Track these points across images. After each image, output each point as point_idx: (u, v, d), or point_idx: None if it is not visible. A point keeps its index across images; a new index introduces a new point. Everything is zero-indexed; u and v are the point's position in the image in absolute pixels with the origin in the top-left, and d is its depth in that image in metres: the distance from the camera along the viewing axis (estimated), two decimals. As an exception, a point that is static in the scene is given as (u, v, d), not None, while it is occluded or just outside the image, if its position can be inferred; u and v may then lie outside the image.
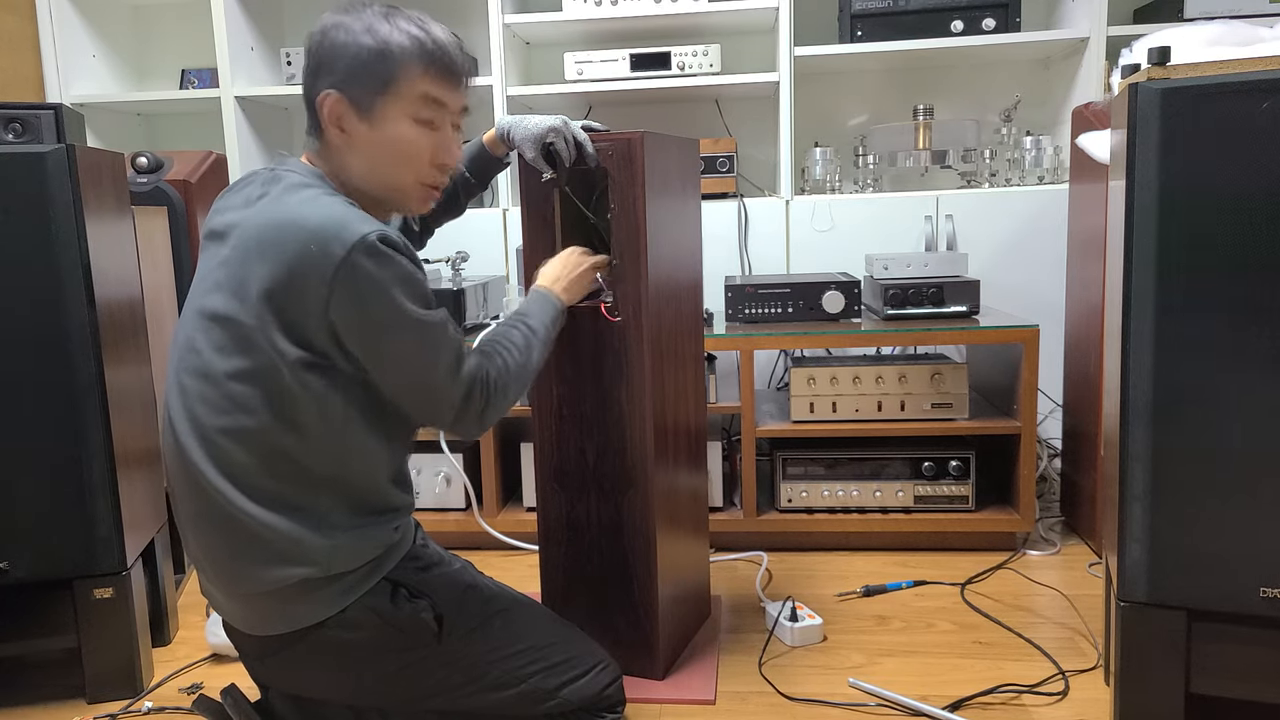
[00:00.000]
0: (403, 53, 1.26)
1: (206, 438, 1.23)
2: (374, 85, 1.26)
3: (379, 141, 1.28)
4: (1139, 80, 1.32)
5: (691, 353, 1.77)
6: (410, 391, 1.27)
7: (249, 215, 1.24)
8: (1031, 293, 2.62)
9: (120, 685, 1.68)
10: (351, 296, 1.18)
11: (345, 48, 1.26)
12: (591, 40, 2.90)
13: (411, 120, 1.29)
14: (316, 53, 1.28)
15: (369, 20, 1.26)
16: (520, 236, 1.65)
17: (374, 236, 1.18)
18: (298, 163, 1.31)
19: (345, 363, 1.23)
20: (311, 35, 1.29)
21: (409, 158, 1.30)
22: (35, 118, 1.58)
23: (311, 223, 1.18)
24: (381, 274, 1.19)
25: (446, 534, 2.28)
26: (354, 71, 1.26)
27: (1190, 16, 2.46)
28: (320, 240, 1.17)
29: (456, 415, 1.30)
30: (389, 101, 1.27)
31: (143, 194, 2.24)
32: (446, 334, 1.27)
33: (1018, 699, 1.58)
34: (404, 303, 1.21)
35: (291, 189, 1.25)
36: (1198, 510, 1.33)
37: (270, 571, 1.23)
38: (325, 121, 1.27)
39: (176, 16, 3.16)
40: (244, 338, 1.20)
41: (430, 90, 1.28)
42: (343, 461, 1.26)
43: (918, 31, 2.62)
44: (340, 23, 1.27)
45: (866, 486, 2.21)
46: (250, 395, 1.21)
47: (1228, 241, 1.27)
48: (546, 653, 1.42)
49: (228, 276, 1.22)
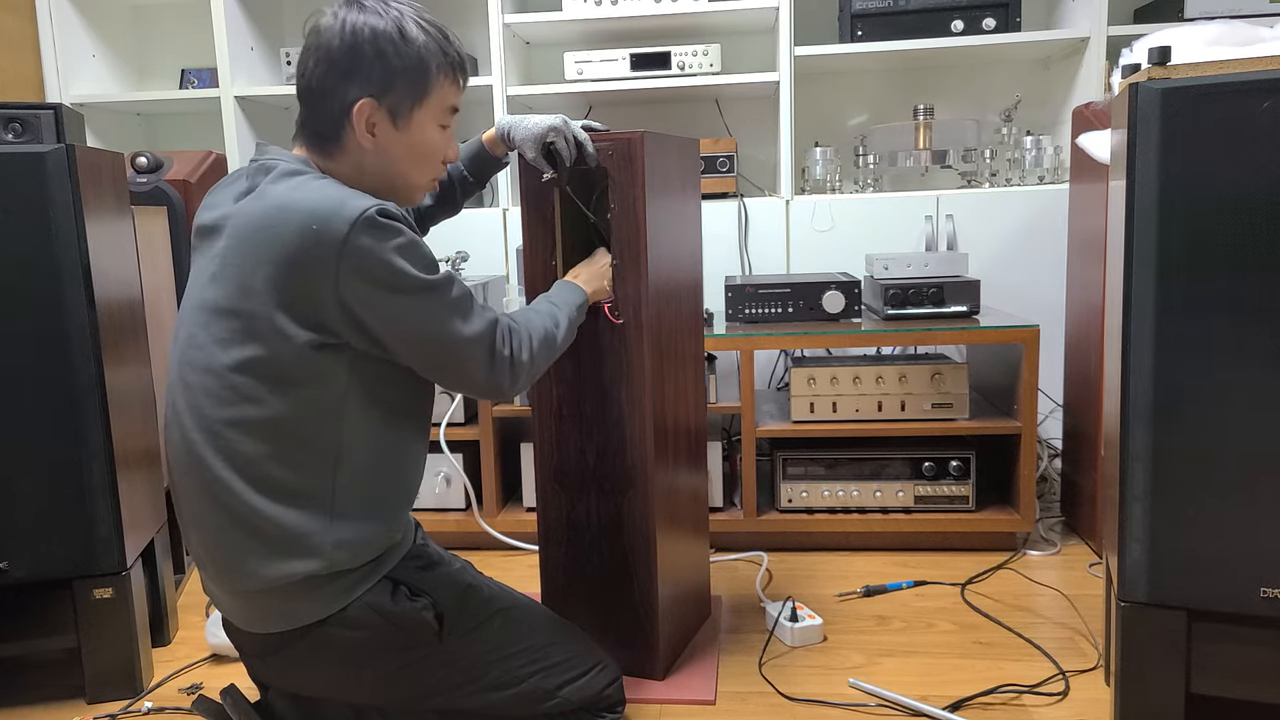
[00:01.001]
0: (438, 65, 1.30)
1: (213, 431, 1.23)
2: (413, 96, 1.29)
3: (406, 145, 1.31)
4: (1139, 80, 1.32)
5: (691, 353, 1.77)
6: (435, 355, 1.28)
7: (239, 208, 1.24)
8: (1032, 293, 2.62)
9: (120, 685, 1.68)
10: (359, 272, 1.19)
11: (383, 55, 1.25)
12: (591, 40, 2.90)
13: (437, 126, 1.33)
14: (347, 55, 1.25)
15: (399, 23, 1.26)
16: (520, 236, 1.65)
17: (373, 210, 1.19)
18: (282, 151, 1.31)
19: (359, 340, 1.24)
20: (331, 32, 1.26)
21: (428, 158, 1.35)
22: (35, 118, 1.58)
23: (307, 205, 1.19)
24: (386, 245, 1.20)
25: (447, 534, 2.28)
26: (394, 81, 1.27)
27: (1190, 16, 2.46)
28: (320, 219, 1.17)
29: (488, 368, 1.30)
30: (423, 110, 1.31)
31: (142, 194, 2.24)
32: (454, 290, 1.28)
33: (1018, 699, 1.58)
34: (410, 269, 1.22)
35: (281, 176, 1.25)
36: (1198, 510, 1.33)
37: (273, 568, 1.23)
38: (358, 127, 1.27)
39: (176, 16, 3.16)
40: (248, 328, 1.21)
41: (453, 99, 1.35)
42: (353, 440, 1.26)
43: (918, 31, 2.62)
44: (369, 24, 1.25)
45: (867, 486, 2.21)
46: (256, 384, 1.21)
47: (1228, 241, 1.27)
48: (546, 652, 1.42)
49: (226, 269, 1.22)
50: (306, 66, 1.28)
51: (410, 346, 1.26)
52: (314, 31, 1.28)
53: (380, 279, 1.20)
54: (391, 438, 1.31)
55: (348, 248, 1.18)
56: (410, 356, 1.27)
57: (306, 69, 1.28)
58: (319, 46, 1.27)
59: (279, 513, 1.23)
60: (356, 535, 1.27)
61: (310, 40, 1.28)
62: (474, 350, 1.29)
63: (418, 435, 1.37)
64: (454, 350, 1.28)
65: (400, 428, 1.32)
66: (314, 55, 1.27)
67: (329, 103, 1.27)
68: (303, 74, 1.29)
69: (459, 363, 1.29)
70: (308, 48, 1.28)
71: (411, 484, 1.37)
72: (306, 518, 1.23)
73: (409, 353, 1.27)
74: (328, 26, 1.26)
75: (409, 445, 1.35)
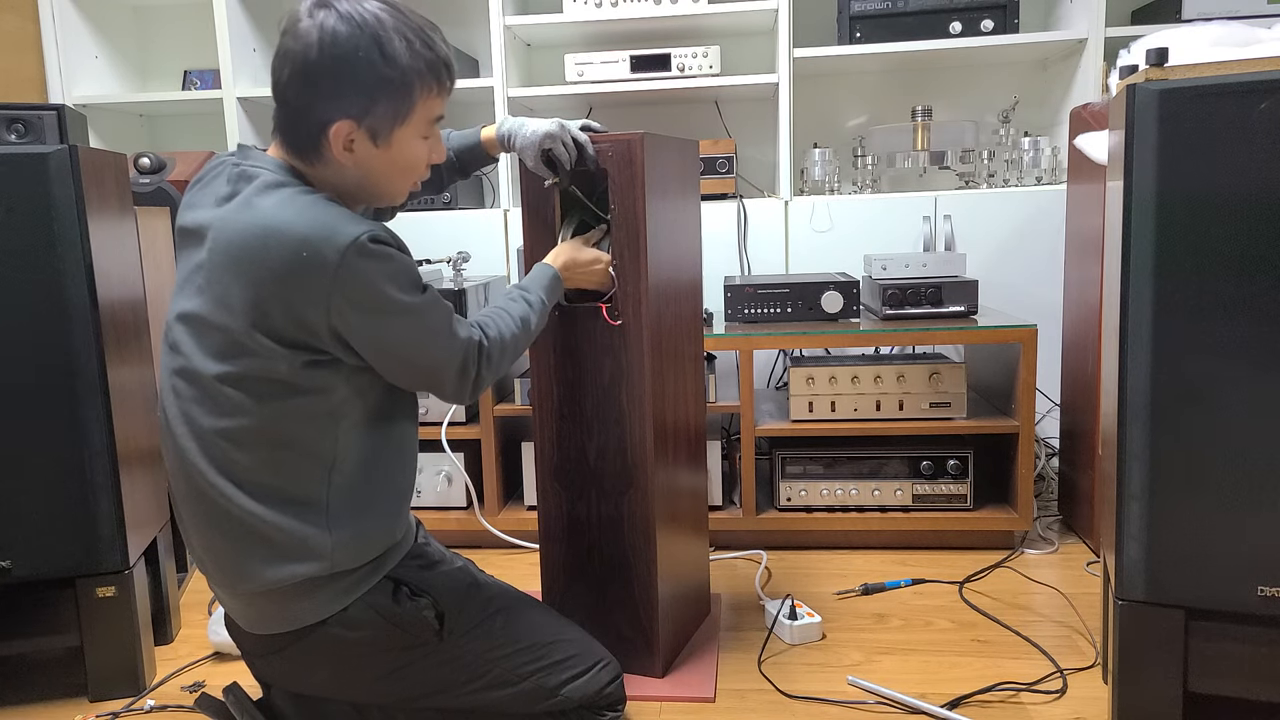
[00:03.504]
0: (420, 81, 1.23)
1: (204, 439, 1.23)
2: (395, 116, 1.23)
3: (387, 161, 1.27)
4: (1137, 81, 1.32)
5: (691, 353, 1.78)
6: (408, 371, 1.29)
7: (222, 216, 1.21)
8: (1029, 293, 2.63)
9: (122, 684, 1.69)
10: (351, 299, 1.18)
11: (361, 77, 1.18)
12: (592, 42, 2.90)
13: (420, 138, 1.29)
14: (323, 73, 1.18)
15: (379, 37, 1.18)
16: (520, 236, 1.66)
17: (365, 237, 1.17)
18: (265, 157, 1.26)
19: (350, 357, 1.24)
20: (307, 40, 1.18)
21: (413, 169, 1.31)
22: (38, 118, 1.59)
23: (298, 229, 1.16)
24: (378, 273, 1.19)
25: (448, 533, 2.29)
26: (375, 103, 1.21)
27: (1188, 18, 2.47)
28: (311, 246, 1.15)
29: (455, 384, 1.32)
30: (405, 128, 1.25)
31: (145, 194, 2.25)
32: (437, 311, 1.28)
33: (1016, 697, 1.59)
34: (400, 296, 1.22)
35: (265, 189, 1.20)
36: (1195, 509, 1.34)
37: (274, 570, 1.24)
38: (334, 146, 1.22)
39: (178, 18, 3.17)
40: (233, 343, 1.20)
41: (438, 109, 1.29)
42: (348, 445, 1.26)
43: (916, 33, 2.62)
44: (349, 38, 1.17)
45: (865, 485, 2.22)
46: (245, 398, 1.21)
47: (1225, 242, 1.28)
48: (547, 651, 1.42)
49: (209, 283, 1.21)
50: (282, 74, 1.21)
51: (386, 362, 1.26)
52: (289, 34, 1.20)
53: (370, 305, 1.20)
54: (384, 438, 1.32)
55: (340, 275, 1.16)
56: (384, 369, 1.27)
57: (282, 77, 1.21)
58: (293, 55, 1.19)
59: (276, 518, 1.23)
60: (355, 536, 1.28)
61: (285, 43, 1.20)
62: (447, 371, 1.31)
63: (408, 431, 1.38)
64: (427, 369, 1.29)
65: (392, 427, 1.33)
66: (289, 65, 1.19)
67: (305, 118, 1.21)
68: (278, 80, 1.21)
69: (430, 377, 1.31)
70: (282, 51, 1.20)
71: (407, 480, 1.38)
72: (304, 522, 1.24)
73: (383, 366, 1.27)
74: (304, 32, 1.18)
75: (402, 443, 1.36)
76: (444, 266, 2.37)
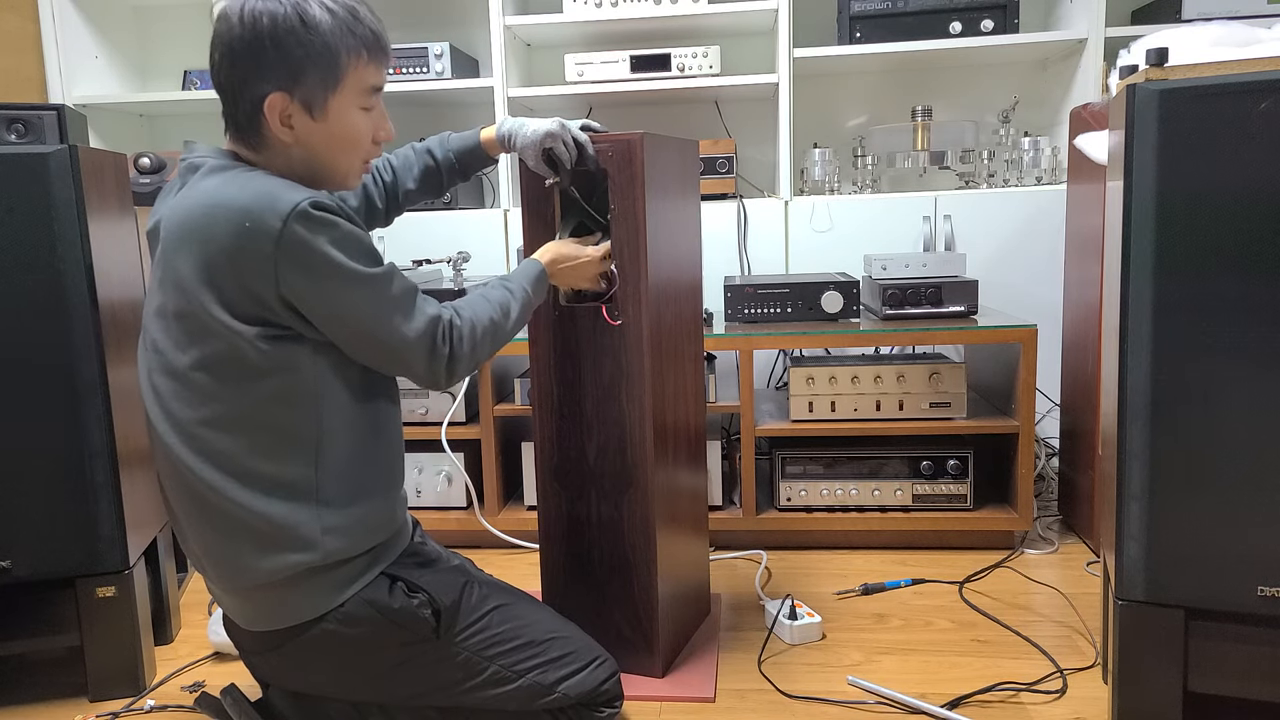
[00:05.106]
0: (348, 48, 1.24)
1: (188, 433, 1.23)
2: (325, 85, 1.24)
3: (327, 134, 1.27)
4: (1137, 81, 1.32)
5: (691, 352, 1.78)
6: (370, 346, 1.27)
7: (172, 206, 1.24)
8: (1029, 293, 2.63)
9: (122, 683, 1.69)
10: (297, 266, 1.18)
11: (284, 46, 1.20)
12: (592, 42, 2.91)
13: (358, 109, 1.29)
14: (248, 49, 1.21)
15: (300, 8, 1.20)
16: (520, 236, 1.66)
17: (306, 204, 1.17)
18: (209, 148, 1.29)
19: (309, 330, 1.24)
20: (230, 21, 1.21)
21: (355, 143, 1.31)
22: (38, 118, 1.59)
23: (240, 200, 1.17)
24: (321, 238, 1.19)
25: (448, 533, 2.29)
26: (302, 72, 1.22)
27: (1188, 17, 2.47)
28: (254, 216, 1.16)
29: (426, 364, 1.30)
30: (339, 97, 1.26)
31: (145, 194, 2.25)
32: (395, 284, 1.26)
33: (1016, 697, 1.59)
34: (349, 263, 1.21)
35: (209, 172, 1.24)
36: (1195, 509, 1.34)
37: (268, 561, 1.24)
38: (271, 122, 1.24)
39: (178, 17, 3.17)
40: (197, 327, 1.20)
41: (373, 79, 1.29)
42: (331, 425, 1.26)
43: (916, 33, 2.62)
44: (267, 11, 1.20)
45: (865, 485, 2.22)
46: (218, 382, 1.21)
47: (1224, 241, 1.28)
48: (544, 648, 1.42)
49: (167, 272, 1.22)
50: (214, 59, 1.24)
51: (349, 338, 1.25)
52: (218, 19, 1.23)
53: (318, 271, 1.19)
54: (368, 417, 1.31)
55: (283, 242, 1.16)
56: (350, 348, 1.27)
57: (214, 62, 1.24)
58: (220, 36, 1.22)
59: (266, 506, 1.23)
60: (347, 520, 1.28)
61: (215, 29, 1.23)
62: (414, 347, 1.29)
63: (391, 413, 1.37)
64: (393, 345, 1.27)
65: (374, 405, 1.33)
66: (218, 48, 1.23)
67: (239, 98, 1.24)
68: (212, 66, 1.25)
69: (398, 356, 1.29)
70: (213, 38, 1.24)
71: (394, 459, 1.37)
72: (294, 508, 1.24)
73: (348, 344, 1.26)
74: (228, 13, 1.21)
75: (385, 421, 1.35)
76: (444, 266, 2.37)
